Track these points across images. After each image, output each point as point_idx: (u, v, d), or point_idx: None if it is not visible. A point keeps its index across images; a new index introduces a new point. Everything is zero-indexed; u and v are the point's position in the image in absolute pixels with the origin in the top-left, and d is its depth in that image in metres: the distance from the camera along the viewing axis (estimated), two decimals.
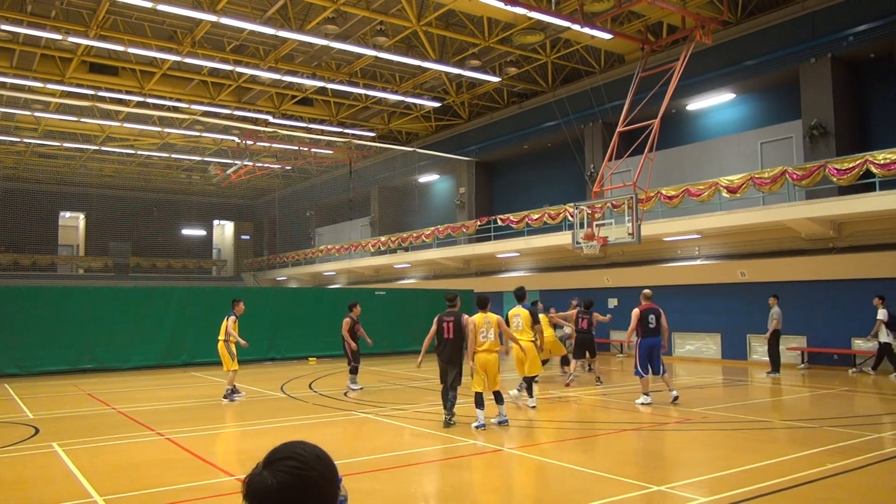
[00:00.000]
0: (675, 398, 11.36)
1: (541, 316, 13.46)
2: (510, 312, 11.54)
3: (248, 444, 8.65)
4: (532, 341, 11.43)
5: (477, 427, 9.13)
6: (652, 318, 11.53)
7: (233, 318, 12.53)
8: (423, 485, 6.97)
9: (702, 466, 7.39)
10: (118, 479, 6.89)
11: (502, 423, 9.46)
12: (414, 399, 12.64)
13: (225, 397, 12.42)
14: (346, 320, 13.83)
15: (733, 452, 7.80)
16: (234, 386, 12.63)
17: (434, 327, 9.62)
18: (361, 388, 13.73)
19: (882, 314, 14.91)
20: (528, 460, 7.72)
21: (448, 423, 9.31)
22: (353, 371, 13.88)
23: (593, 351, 15.05)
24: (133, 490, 6.41)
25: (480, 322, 9.46)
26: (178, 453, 8.10)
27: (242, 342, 12.41)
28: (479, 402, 9.34)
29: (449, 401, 9.43)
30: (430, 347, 9.84)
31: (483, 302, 9.73)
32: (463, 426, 9.35)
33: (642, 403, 11.36)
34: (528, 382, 11.37)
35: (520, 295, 11.69)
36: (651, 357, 11.48)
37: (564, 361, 16.02)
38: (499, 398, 9.53)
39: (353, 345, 13.71)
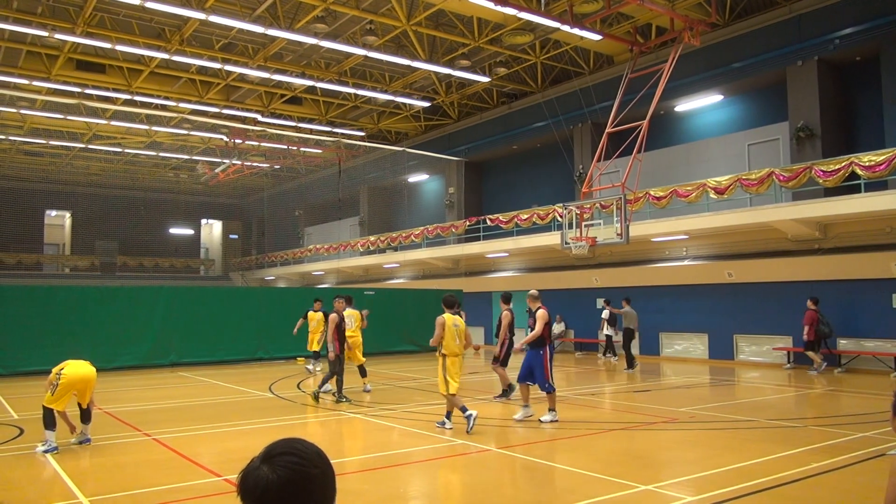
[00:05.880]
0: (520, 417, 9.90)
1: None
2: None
3: (235, 445, 8.61)
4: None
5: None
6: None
7: None
8: (411, 485, 6.97)
9: (688, 466, 7.43)
10: (104, 480, 6.84)
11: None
12: (403, 399, 12.63)
13: None
14: None
15: (719, 452, 7.86)
16: None
17: (333, 326, 11.73)
18: None
19: (605, 313, 19.18)
20: (516, 460, 7.74)
21: (340, 400, 11.62)
22: None
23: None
24: (119, 491, 6.36)
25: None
26: (164, 454, 8.05)
27: None
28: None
29: (341, 382, 11.84)
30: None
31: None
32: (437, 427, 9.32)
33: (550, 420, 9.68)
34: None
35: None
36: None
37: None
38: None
39: None
